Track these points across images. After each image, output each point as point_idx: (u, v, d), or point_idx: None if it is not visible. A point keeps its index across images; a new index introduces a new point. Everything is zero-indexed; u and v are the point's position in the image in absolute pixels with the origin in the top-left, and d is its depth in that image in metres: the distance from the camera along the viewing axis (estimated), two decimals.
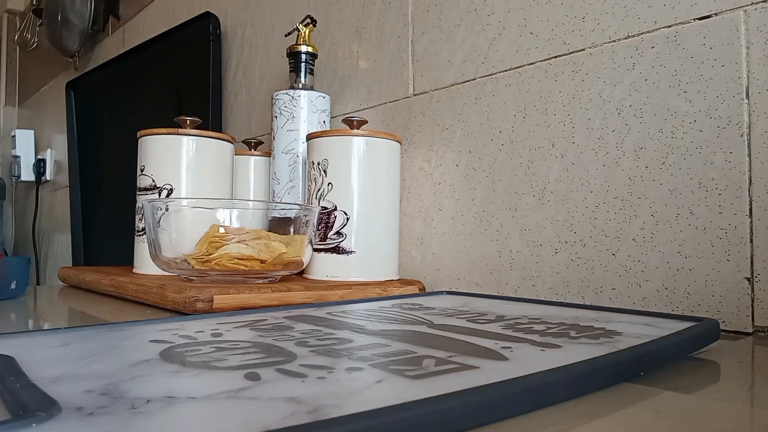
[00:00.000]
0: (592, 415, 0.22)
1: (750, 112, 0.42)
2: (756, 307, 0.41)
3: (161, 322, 0.36)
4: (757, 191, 0.41)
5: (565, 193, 0.52)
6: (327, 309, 0.43)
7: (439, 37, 0.65)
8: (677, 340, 0.30)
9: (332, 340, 0.31)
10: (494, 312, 0.41)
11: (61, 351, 0.28)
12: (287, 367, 0.25)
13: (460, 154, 0.62)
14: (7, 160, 2.19)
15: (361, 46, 0.75)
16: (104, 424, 0.18)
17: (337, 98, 0.78)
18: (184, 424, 0.18)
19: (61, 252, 1.78)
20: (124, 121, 1.33)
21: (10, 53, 2.38)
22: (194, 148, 0.67)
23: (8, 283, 0.59)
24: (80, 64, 1.65)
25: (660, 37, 0.47)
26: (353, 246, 0.60)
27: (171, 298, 0.50)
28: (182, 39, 1.09)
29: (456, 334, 0.32)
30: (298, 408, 0.19)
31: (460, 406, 0.20)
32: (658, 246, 0.46)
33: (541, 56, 0.55)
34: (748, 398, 0.26)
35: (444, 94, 0.64)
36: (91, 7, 1.54)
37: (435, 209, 0.64)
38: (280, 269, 0.56)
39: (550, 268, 0.53)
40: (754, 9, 0.42)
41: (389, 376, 0.23)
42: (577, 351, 0.28)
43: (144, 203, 0.56)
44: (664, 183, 0.46)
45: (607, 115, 0.50)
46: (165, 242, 0.55)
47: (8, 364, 0.24)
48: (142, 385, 0.22)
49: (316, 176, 0.62)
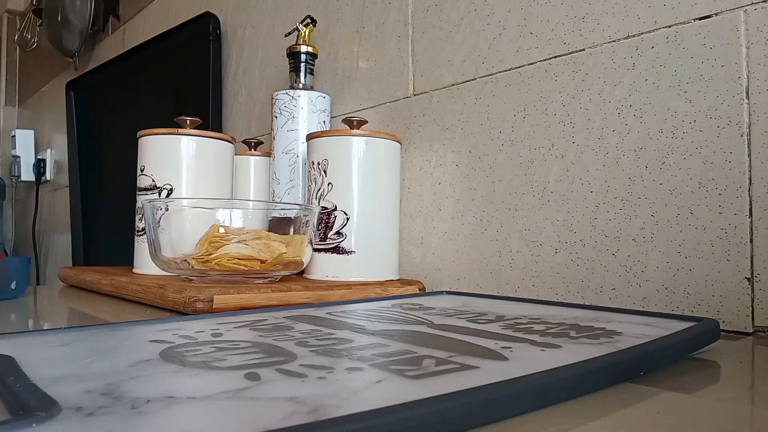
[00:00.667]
0: (592, 415, 0.22)
1: (750, 112, 0.42)
2: (756, 307, 0.41)
3: (161, 322, 0.36)
4: (757, 191, 0.41)
5: (565, 193, 0.52)
6: (327, 309, 0.43)
7: (439, 37, 0.65)
8: (677, 340, 0.30)
9: (332, 340, 0.31)
10: (494, 312, 0.41)
11: (61, 351, 0.28)
12: (287, 367, 0.25)
13: (460, 154, 0.62)
14: (7, 160, 2.19)
15: (361, 46, 0.75)
16: (104, 424, 0.18)
17: (337, 98, 0.78)
18: (184, 424, 0.18)
19: (61, 252, 1.78)
20: (124, 121, 1.33)
21: (10, 53, 2.38)
22: (194, 148, 0.67)
23: (8, 283, 0.59)
24: (80, 64, 1.66)
25: (660, 37, 0.47)
26: (353, 246, 0.60)
27: (171, 298, 0.50)
28: (182, 39, 1.09)
29: (456, 334, 0.32)
30: (298, 408, 0.19)
31: (460, 406, 0.20)
32: (658, 246, 0.46)
33: (541, 56, 0.55)
34: (748, 398, 0.26)
35: (444, 94, 0.64)
36: (91, 7, 1.54)
37: (435, 209, 0.64)
38: (280, 269, 0.56)
39: (550, 268, 0.53)
40: (754, 9, 0.42)
41: (389, 376, 0.23)
42: (577, 351, 0.28)
43: (144, 203, 0.56)
44: (664, 183, 0.46)
45: (607, 115, 0.50)
46: (165, 242, 0.55)
47: (8, 364, 0.24)
48: (142, 385, 0.22)
49: (316, 176, 0.62)
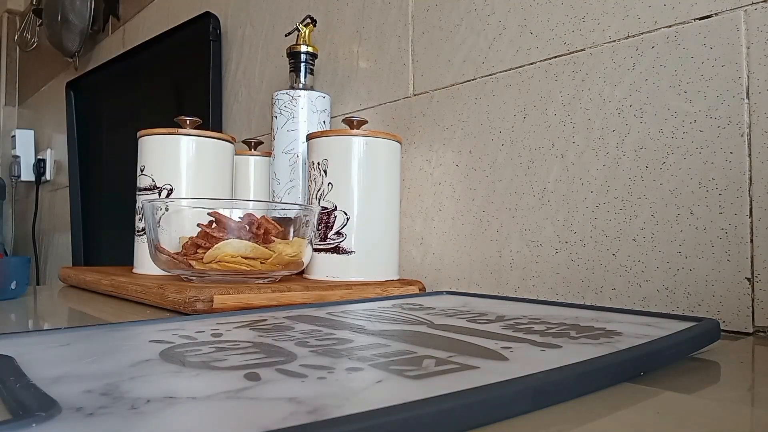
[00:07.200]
0: (592, 415, 0.22)
1: (750, 112, 0.42)
2: (756, 307, 0.41)
3: (161, 322, 0.36)
4: (757, 191, 0.41)
5: (565, 193, 0.52)
6: (327, 309, 0.43)
7: (439, 37, 0.65)
8: (677, 340, 0.30)
9: (332, 340, 0.31)
10: (494, 312, 0.41)
11: (61, 351, 0.28)
12: (287, 367, 0.25)
13: (460, 154, 0.62)
14: (7, 160, 2.19)
15: (361, 46, 0.75)
16: (104, 424, 0.18)
17: (337, 98, 0.78)
18: (184, 424, 0.18)
19: (61, 252, 1.78)
20: (124, 121, 1.33)
21: (10, 53, 2.37)
22: (194, 148, 0.67)
23: (8, 283, 0.59)
24: (80, 64, 1.65)
25: (660, 37, 0.47)
26: (353, 246, 0.60)
27: (171, 298, 0.50)
28: (182, 39, 1.09)
29: (456, 334, 0.32)
30: (298, 408, 0.19)
31: (460, 406, 0.20)
32: (658, 246, 0.46)
33: (541, 56, 0.55)
34: (748, 398, 0.26)
35: (444, 94, 0.64)
36: (91, 7, 1.54)
37: (435, 209, 0.64)
38: (280, 269, 0.56)
39: (550, 268, 0.53)
40: (754, 9, 0.42)
41: (389, 376, 0.23)
42: (577, 351, 0.28)
43: (144, 203, 0.56)
44: (665, 183, 0.46)
45: (608, 115, 0.50)
46: (165, 242, 0.55)
47: (8, 364, 0.24)
48: (142, 385, 0.22)
49: (316, 176, 0.62)
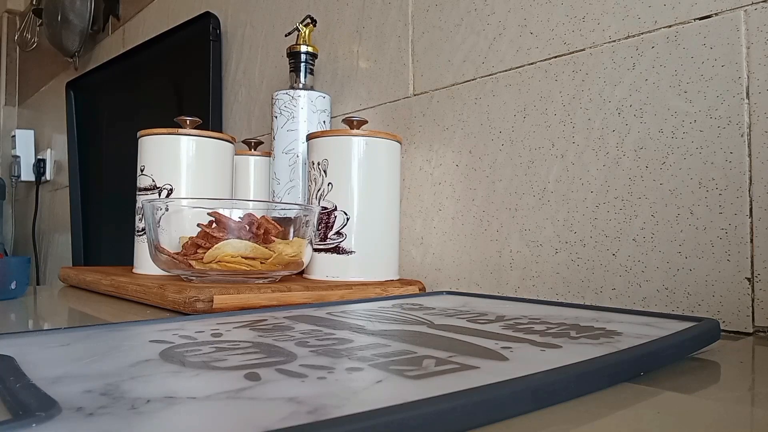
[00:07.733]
0: (592, 415, 0.22)
1: (750, 112, 0.42)
2: (756, 307, 0.41)
3: (161, 322, 0.36)
4: (757, 191, 0.41)
5: (565, 193, 0.52)
6: (327, 309, 0.43)
7: (439, 37, 0.65)
8: (677, 341, 0.30)
9: (332, 340, 0.31)
10: (494, 312, 0.41)
11: (61, 351, 0.28)
12: (287, 367, 0.25)
13: (460, 154, 0.62)
14: (7, 160, 2.19)
15: (361, 46, 0.75)
16: (104, 424, 0.18)
17: (337, 98, 0.78)
18: (184, 424, 0.18)
19: (61, 252, 1.78)
20: (124, 120, 1.33)
21: (10, 53, 2.37)
22: (194, 148, 0.67)
23: (8, 283, 0.59)
24: (80, 64, 1.65)
25: (660, 37, 0.47)
26: (353, 246, 0.60)
27: (171, 298, 0.50)
28: (182, 39, 1.09)
29: (456, 334, 0.32)
30: (298, 408, 0.19)
31: (460, 406, 0.20)
32: (658, 246, 0.46)
33: (541, 56, 0.55)
34: (748, 398, 0.26)
35: (444, 94, 0.64)
36: (91, 7, 1.54)
37: (435, 209, 0.64)
38: (280, 269, 0.56)
39: (550, 268, 0.53)
40: (755, 9, 0.42)
41: (389, 376, 0.23)
42: (577, 351, 0.28)
43: (144, 203, 0.56)
44: (665, 183, 0.46)
45: (607, 115, 0.50)
46: (165, 242, 0.55)
47: (8, 364, 0.24)
48: (142, 385, 0.22)
49: (316, 176, 0.62)
